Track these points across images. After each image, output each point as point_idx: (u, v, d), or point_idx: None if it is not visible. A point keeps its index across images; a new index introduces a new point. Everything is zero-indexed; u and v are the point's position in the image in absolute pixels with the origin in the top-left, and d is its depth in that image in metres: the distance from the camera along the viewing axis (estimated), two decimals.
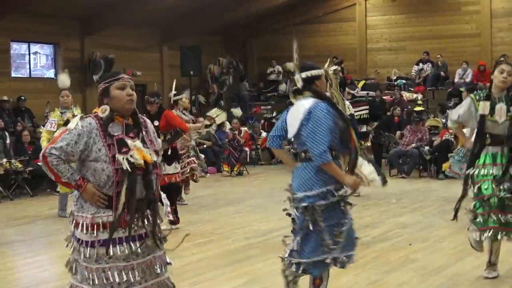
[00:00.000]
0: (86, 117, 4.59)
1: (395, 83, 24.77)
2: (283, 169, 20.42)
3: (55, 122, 11.36)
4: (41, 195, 15.23)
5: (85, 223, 4.57)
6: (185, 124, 10.90)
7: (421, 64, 24.77)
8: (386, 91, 24.45)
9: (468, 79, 23.31)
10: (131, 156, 4.48)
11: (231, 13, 24.78)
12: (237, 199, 14.09)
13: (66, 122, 11.09)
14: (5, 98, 18.98)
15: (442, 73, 24.41)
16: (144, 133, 4.69)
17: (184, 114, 12.81)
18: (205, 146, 19.91)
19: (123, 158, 4.46)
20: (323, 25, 26.85)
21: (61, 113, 11.54)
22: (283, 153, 6.04)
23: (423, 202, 12.97)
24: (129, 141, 4.54)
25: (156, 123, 9.90)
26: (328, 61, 8.66)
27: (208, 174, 19.11)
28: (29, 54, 21.15)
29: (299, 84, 5.67)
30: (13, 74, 20.45)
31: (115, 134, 4.54)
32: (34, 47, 21.28)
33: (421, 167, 17.86)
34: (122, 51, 21.88)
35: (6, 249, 8.90)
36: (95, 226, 4.52)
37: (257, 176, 18.97)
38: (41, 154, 4.49)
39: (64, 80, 12.08)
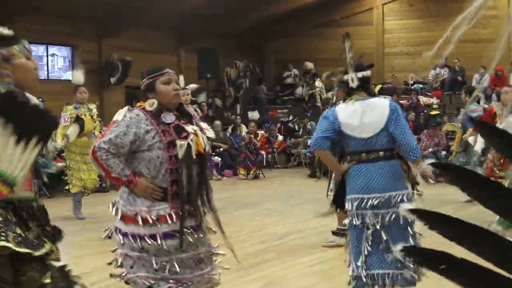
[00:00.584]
0: (133, 109, 4.59)
1: (412, 87, 24.73)
2: (299, 172, 20.46)
3: (68, 116, 11.45)
4: (58, 196, 15.27)
5: (141, 216, 4.50)
6: None
7: (438, 69, 24.72)
8: (403, 96, 24.40)
9: (485, 84, 23.24)
10: (191, 140, 4.46)
11: (248, 16, 24.80)
12: (253, 202, 14.10)
13: (77, 118, 11.17)
14: None
15: (460, 78, 24.34)
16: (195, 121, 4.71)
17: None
18: (221, 149, 19.95)
19: (182, 144, 4.44)
20: (340, 29, 26.73)
21: (75, 107, 11.64)
22: (329, 155, 5.79)
23: (439, 207, 12.92)
24: (187, 127, 4.54)
25: None
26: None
27: (224, 177, 19.14)
28: (47, 56, 21.24)
29: (354, 84, 5.70)
30: None
31: (169, 121, 4.53)
32: (52, 49, 21.37)
33: (437, 172, 17.76)
34: (139, 54, 21.92)
35: None
36: (153, 219, 4.48)
37: (273, 179, 18.97)
38: (91, 150, 4.46)
39: (79, 76, 12.15)
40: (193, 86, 11.15)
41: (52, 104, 19.45)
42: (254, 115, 20.47)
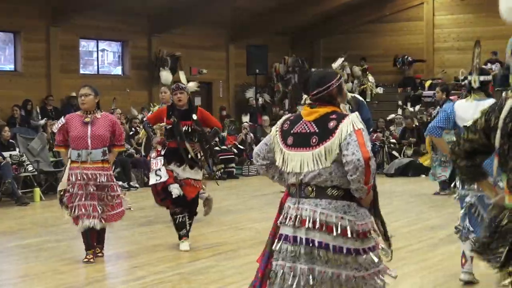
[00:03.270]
0: None
1: (463, 83, 24.42)
2: None
3: None
4: None
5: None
6: (219, 123, 9.98)
7: (489, 64, 24.37)
8: (453, 91, 24.11)
9: None
10: None
11: (298, 13, 24.71)
12: None
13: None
14: (74, 94, 19.26)
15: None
16: None
17: None
18: None
19: None
20: (390, 24, 26.62)
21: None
22: (442, 141, 6.96)
23: None
24: None
25: (195, 116, 8.87)
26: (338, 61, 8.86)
27: None
28: (97, 52, 21.41)
29: (476, 85, 6.69)
30: (81, 71, 20.72)
31: None
32: (102, 45, 21.54)
33: None
34: (189, 50, 21.99)
35: (76, 242, 9.01)
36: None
37: None
38: (364, 158, 4.10)
39: (167, 76, 12.08)
40: (191, 84, 10.77)
41: (101, 99, 19.58)
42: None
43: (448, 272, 7.56)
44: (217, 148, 18.11)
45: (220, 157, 18.80)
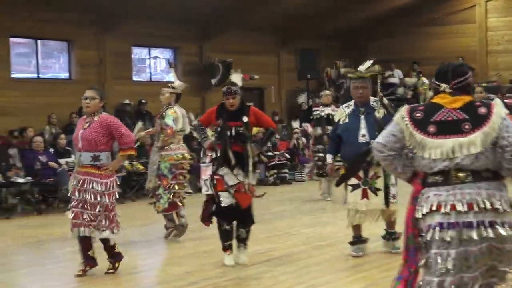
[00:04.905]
0: None
1: None
2: None
3: None
4: None
5: None
6: (273, 122, 9.08)
7: None
8: (507, 94, 23.81)
9: None
10: None
11: (349, 17, 24.67)
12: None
13: None
14: (127, 101, 19.51)
15: None
16: None
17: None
18: None
19: None
20: (442, 27, 26.40)
21: None
22: None
23: None
24: None
25: (245, 118, 8.23)
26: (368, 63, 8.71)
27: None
28: (149, 59, 21.61)
29: None
30: (134, 78, 20.94)
31: None
32: (154, 52, 21.73)
33: None
34: (240, 55, 22.03)
35: (128, 248, 9.08)
36: None
37: None
38: None
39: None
40: (178, 84, 10.69)
41: (154, 105, 19.78)
42: None
43: None
44: (269, 153, 18.13)
45: (273, 163, 18.85)
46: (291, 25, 24.04)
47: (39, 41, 19.22)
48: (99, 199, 7.69)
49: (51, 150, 15.29)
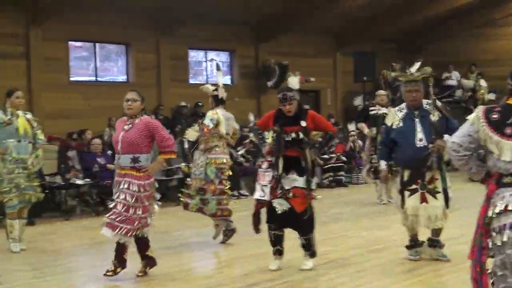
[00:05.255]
0: None
1: None
2: (458, 176, 19.90)
3: None
4: None
5: None
6: (332, 126, 8.90)
7: None
8: None
9: None
10: None
11: (405, 19, 24.49)
12: None
13: None
14: (183, 104, 19.64)
15: None
16: None
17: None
18: None
19: None
20: (501, 28, 26.09)
21: None
22: None
23: None
24: None
25: (304, 123, 8.08)
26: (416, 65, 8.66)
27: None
28: (206, 61, 21.73)
29: None
30: (191, 81, 21.07)
31: None
32: (211, 54, 21.85)
33: None
34: (295, 58, 22.06)
35: (183, 250, 9.13)
36: None
37: None
38: None
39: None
40: (213, 87, 10.58)
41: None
42: None
43: None
44: (325, 156, 18.08)
45: (328, 165, 18.80)
46: (347, 28, 23.98)
47: (97, 45, 19.48)
48: (134, 200, 7.67)
49: (109, 152, 15.45)
